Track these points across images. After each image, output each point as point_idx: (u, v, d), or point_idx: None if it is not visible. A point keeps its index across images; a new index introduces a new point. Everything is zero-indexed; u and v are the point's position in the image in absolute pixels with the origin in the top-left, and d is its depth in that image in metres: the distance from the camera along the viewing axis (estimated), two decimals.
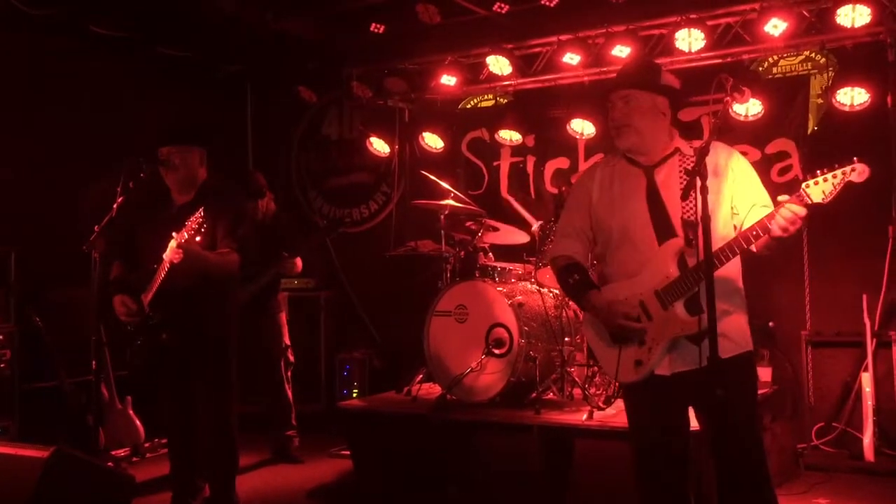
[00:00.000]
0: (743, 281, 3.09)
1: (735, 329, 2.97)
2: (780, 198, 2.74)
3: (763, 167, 5.62)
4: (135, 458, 5.76)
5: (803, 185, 2.66)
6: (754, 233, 2.77)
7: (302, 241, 5.96)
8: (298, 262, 5.75)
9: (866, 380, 5.27)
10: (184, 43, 7.03)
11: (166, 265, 4.00)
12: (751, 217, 2.88)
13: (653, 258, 2.95)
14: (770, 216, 2.73)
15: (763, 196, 2.97)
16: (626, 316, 2.95)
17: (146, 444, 5.86)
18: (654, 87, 3.05)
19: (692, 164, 2.90)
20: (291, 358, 5.88)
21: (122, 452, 5.71)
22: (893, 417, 5.31)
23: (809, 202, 2.65)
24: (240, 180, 5.78)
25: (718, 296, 2.81)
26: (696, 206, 2.82)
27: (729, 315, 2.93)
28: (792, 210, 2.67)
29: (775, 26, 5.47)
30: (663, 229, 2.96)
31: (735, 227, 2.97)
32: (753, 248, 2.89)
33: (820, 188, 2.64)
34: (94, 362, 4.20)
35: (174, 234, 3.92)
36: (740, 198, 2.96)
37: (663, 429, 3.03)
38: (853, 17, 5.34)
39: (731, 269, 2.97)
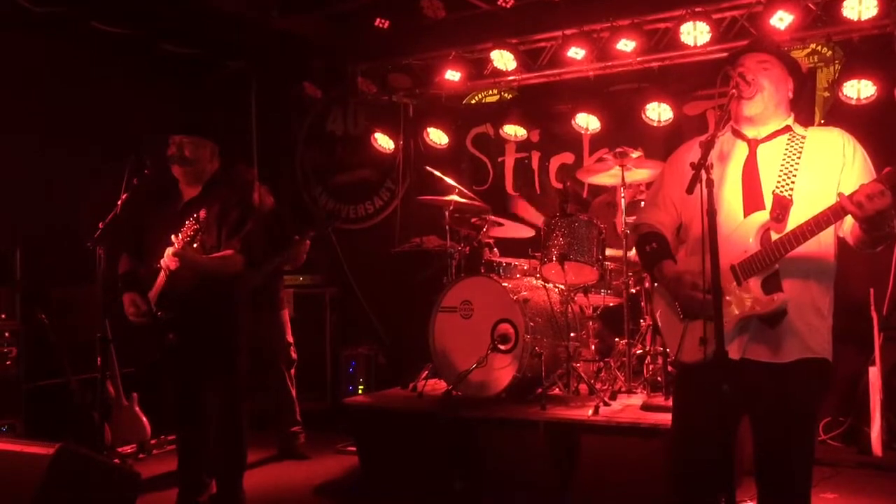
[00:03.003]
0: None
1: (810, 329, 2.78)
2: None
3: None
4: (141, 455, 5.76)
5: None
6: (835, 210, 2.61)
7: (307, 226, 5.98)
8: (307, 245, 5.77)
9: (874, 374, 5.24)
10: (188, 40, 7.02)
11: (165, 270, 4.01)
12: None
13: (735, 231, 2.79)
14: (850, 194, 2.56)
15: None
16: (694, 286, 2.78)
17: (152, 441, 5.86)
18: (792, 63, 3.00)
19: (801, 145, 2.84)
20: (294, 355, 5.87)
21: (128, 449, 5.71)
22: None
23: None
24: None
25: (801, 289, 2.75)
26: (787, 181, 2.76)
27: (807, 311, 2.77)
28: (870, 185, 2.52)
29: (781, 19, 5.45)
30: (753, 202, 2.82)
31: None
32: (850, 240, 2.79)
33: None
34: (99, 359, 4.19)
35: (173, 237, 3.92)
36: (846, 186, 2.73)
37: (712, 420, 2.67)
38: (859, 10, 5.32)
39: (822, 267, 2.82)
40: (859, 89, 5.56)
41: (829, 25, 5.50)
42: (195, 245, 3.94)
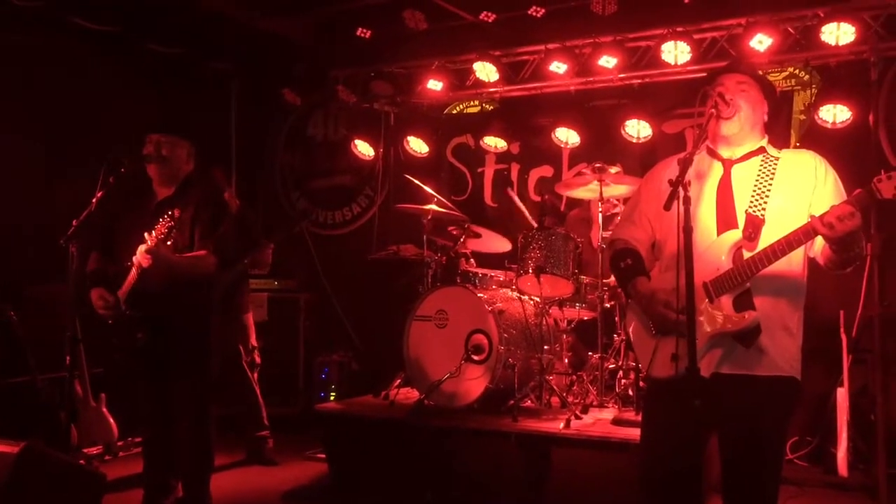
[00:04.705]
0: None
1: (779, 347, 2.80)
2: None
3: None
4: (107, 457, 5.68)
5: (874, 180, 2.54)
6: (806, 231, 2.66)
7: (275, 229, 5.99)
8: (269, 252, 5.79)
9: (841, 395, 5.29)
10: (171, 39, 6.98)
11: (137, 268, 3.98)
12: None
13: (708, 249, 2.83)
14: (821, 216, 2.60)
15: None
16: (666, 304, 2.80)
17: (119, 443, 5.78)
18: (768, 86, 3.05)
19: (775, 166, 2.88)
20: (258, 360, 5.83)
21: (94, 450, 5.63)
22: (867, 433, 5.35)
23: (879, 197, 2.53)
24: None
25: (771, 307, 2.78)
26: (759, 201, 2.79)
27: (777, 329, 2.80)
28: (840, 207, 2.56)
29: (760, 42, 5.53)
30: (726, 221, 2.86)
31: None
32: (820, 260, 2.84)
33: (893, 183, 2.51)
34: (67, 358, 4.14)
35: (146, 234, 3.89)
36: (817, 207, 2.76)
37: (682, 436, 2.76)
38: (837, 35, 5.41)
39: (792, 286, 2.85)
40: (835, 114, 5.64)
41: (808, 50, 5.60)
42: (168, 243, 3.90)
